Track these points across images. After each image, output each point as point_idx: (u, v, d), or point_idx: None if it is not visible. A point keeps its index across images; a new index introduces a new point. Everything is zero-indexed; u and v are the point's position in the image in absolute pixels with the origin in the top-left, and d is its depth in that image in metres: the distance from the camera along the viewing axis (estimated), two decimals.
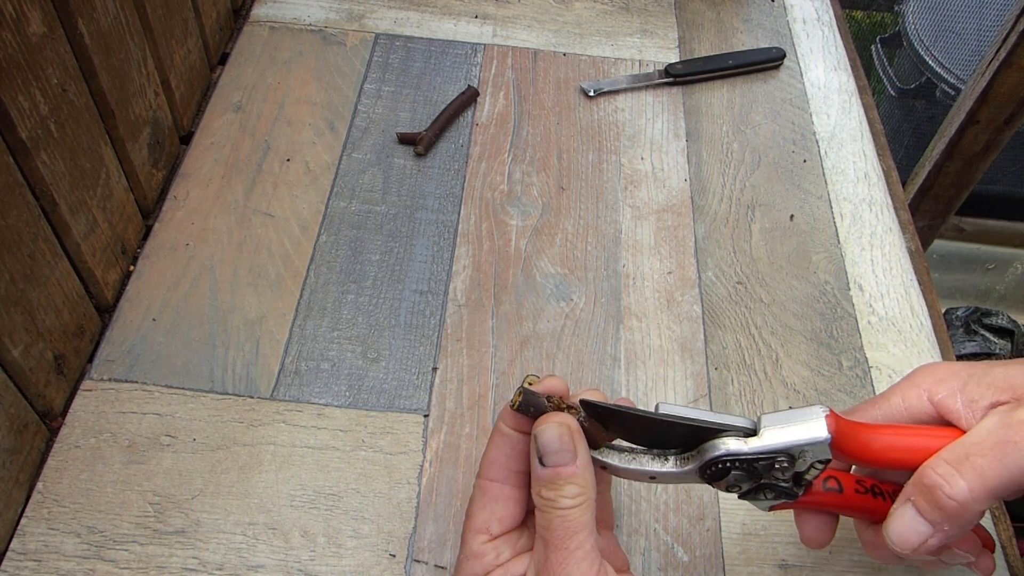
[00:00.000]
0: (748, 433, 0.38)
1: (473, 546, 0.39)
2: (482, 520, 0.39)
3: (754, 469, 0.38)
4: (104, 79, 0.52)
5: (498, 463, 0.39)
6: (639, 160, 0.68)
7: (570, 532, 0.36)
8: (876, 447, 0.38)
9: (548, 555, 0.36)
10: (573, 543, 0.36)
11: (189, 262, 0.57)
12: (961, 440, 0.36)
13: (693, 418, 0.38)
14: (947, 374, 0.39)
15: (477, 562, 0.38)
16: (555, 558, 0.36)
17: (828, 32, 0.81)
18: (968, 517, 0.35)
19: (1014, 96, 1.05)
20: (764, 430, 0.38)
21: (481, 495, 0.39)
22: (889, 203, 0.67)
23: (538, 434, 0.37)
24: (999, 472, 0.34)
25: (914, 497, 0.36)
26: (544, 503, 0.37)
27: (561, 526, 0.36)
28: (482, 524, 0.39)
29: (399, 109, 0.69)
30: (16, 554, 0.44)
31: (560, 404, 0.38)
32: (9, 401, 0.45)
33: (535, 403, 0.38)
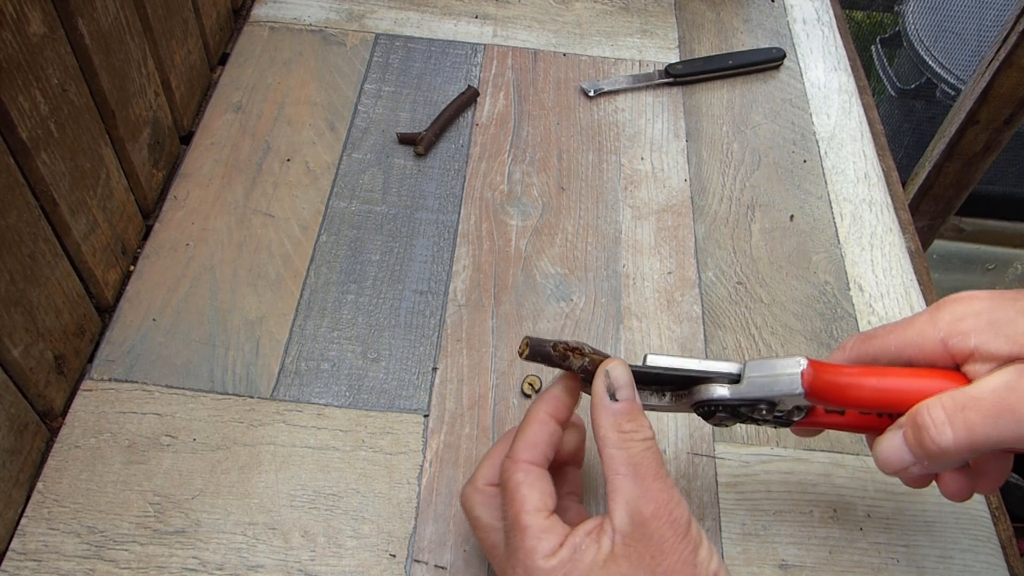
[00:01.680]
0: (733, 380, 0.41)
1: (539, 522, 0.38)
2: (537, 499, 0.39)
3: (738, 412, 0.41)
4: (104, 79, 0.52)
5: (539, 448, 0.40)
6: (639, 160, 0.68)
7: (659, 460, 0.38)
8: (853, 396, 0.39)
9: (647, 486, 0.37)
10: (664, 471, 0.37)
11: (189, 262, 0.57)
12: (965, 390, 0.36)
13: (679, 368, 0.41)
14: (970, 315, 0.38)
15: (547, 536, 0.38)
16: (656, 487, 0.37)
17: (828, 32, 0.81)
18: (949, 461, 0.37)
19: (1014, 96, 1.05)
20: (745, 379, 0.40)
21: (527, 477, 0.40)
22: (889, 203, 0.67)
23: (610, 370, 0.40)
24: (988, 432, 0.35)
25: (904, 428, 0.38)
26: (624, 436, 0.38)
27: (651, 455, 0.37)
28: (539, 503, 0.39)
29: (399, 109, 0.69)
30: (16, 554, 0.44)
31: (567, 348, 0.40)
32: (9, 401, 0.45)
33: (542, 351, 0.40)
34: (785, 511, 0.49)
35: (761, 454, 0.51)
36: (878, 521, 0.49)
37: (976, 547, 0.48)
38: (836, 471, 0.51)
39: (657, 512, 0.36)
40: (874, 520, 0.49)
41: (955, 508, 0.50)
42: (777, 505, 0.49)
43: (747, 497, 0.49)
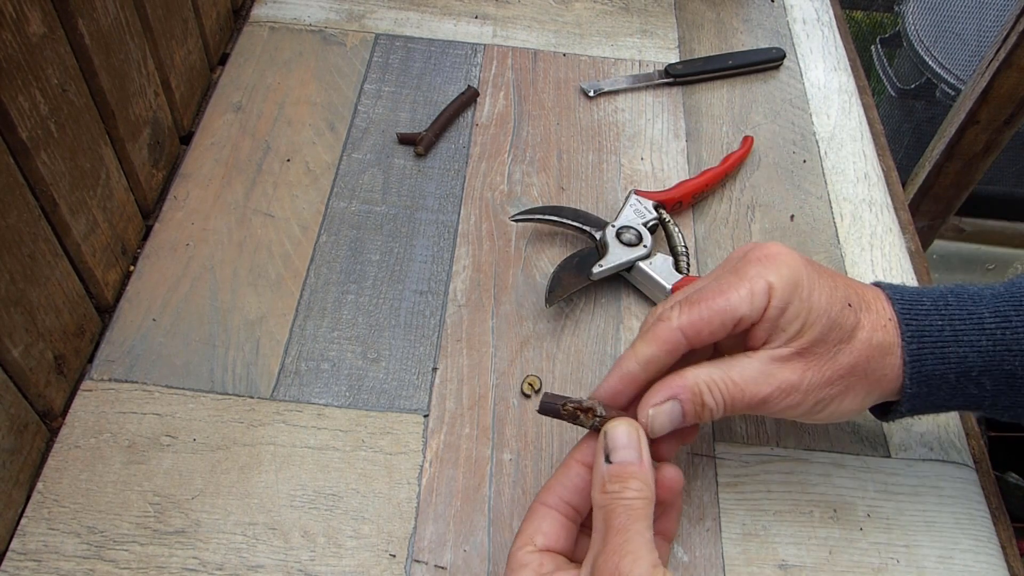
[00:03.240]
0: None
1: (518, 556, 0.39)
2: (528, 533, 0.40)
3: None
4: (104, 79, 0.52)
5: (555, 491, 0.41)
6: (639, 160, 0.68)
7: (632, 519, 0.37)
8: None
9: (608, 539, 0.37)
10: (634, 528, 0.37)
11: (189, 262, 0.57)
12: (729, 371, 0.41)
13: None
14: (788, 284, 0.42)
15: (522, 571, 0.39)
16: (614, 540, 0.37)
17: (828, 32, 0.81)
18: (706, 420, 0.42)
19: (1014, 96, 1.05)
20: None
21: (531, 514, 0.41)
22: (889, 203, 0.67)
23: (607, 431, 0.40)
24: (736, 407, 0.42)
25: (684, 403, 0.41)
26: (607, 497, 0.38)
27: (624, 513, 0.38)
28: (527, 537, 0.40)
29: (399, 109, 0.69)
30: (16, 554, 0.44)
31: (577, 408, 0.41)
32: (9, 401, 0.45)
33: (552, 409, 0.42)
34: (785, 511, 0.49)
35: (761, 454, 0.51)
36: (878, 521, 0.49)
37: (976, 547, 0.48)
38: (836, 471, 0.51)
39: (609, 571, 0.36)
40: (874, 520, 0.49)
41: (955, 508, 0.50)
42: (777, 505, 0.49)
43: (747, 497, 0.49)
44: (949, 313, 0.43)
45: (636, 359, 0.42)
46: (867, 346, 0.42)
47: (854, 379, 0.42)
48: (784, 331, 0.42)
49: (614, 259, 0.57)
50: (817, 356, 0.42)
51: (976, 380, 0.42)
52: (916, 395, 0.43)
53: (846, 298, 0.43)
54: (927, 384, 0.43)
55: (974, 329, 0.42)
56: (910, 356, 0.42)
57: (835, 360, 0.42)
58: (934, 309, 0.43)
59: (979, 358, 0.42)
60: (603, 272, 0.56)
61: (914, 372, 0.42)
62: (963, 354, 0.42)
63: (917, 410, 0.44)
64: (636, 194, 0.61)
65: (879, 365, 0.43)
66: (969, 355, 0.42)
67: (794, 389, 0.42)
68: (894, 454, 0.52)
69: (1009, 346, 0.42)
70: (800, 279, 0.42)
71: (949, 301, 0.43)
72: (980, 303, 0.43)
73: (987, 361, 0.42)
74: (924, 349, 0.42)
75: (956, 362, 0.42)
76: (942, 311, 0.43)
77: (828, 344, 0.42)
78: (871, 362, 0.42)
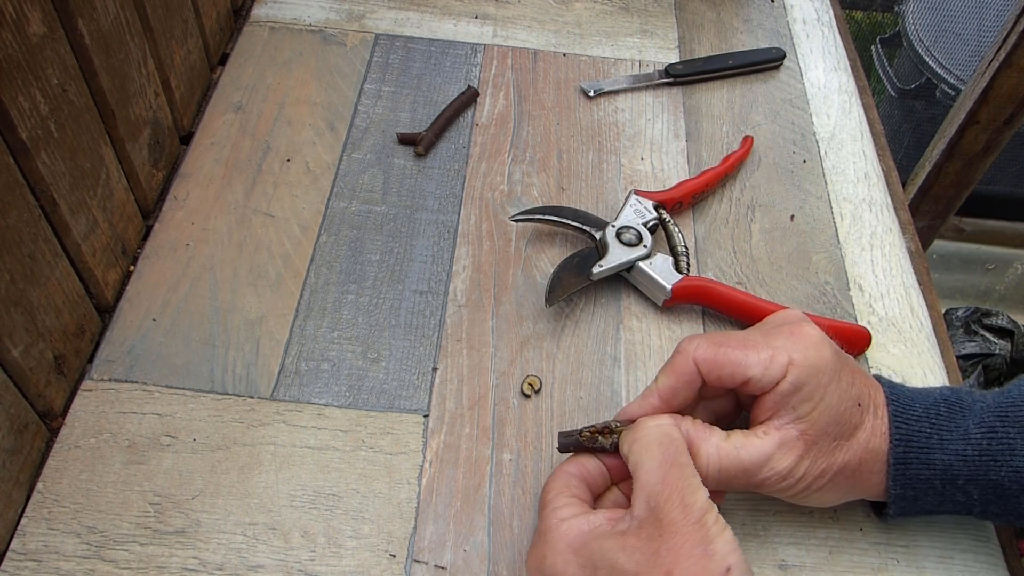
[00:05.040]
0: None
1: (559, 497, 0.42)
2: (560, 483, 0.43)
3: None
4: (104, 79, 0.52)
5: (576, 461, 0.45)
6: (639, 160, 0.68)
7: (680, 451, 0.41)
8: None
9: (664, 473, 0.39)
10: (684, 460, 0.40)
11: (189, 262, 0.57)
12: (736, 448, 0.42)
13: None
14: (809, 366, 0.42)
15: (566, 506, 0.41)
16: (672, 474, 0.39)
17: (828, 32, 0.81)
18: None
19: (1014, 96, 1.05)
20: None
21: (557, 470, 0.45)
22: (889, 203, 0.67)
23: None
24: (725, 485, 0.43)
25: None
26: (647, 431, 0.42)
27: (670, 445, 0.41)
28: (562, 485, 0.43)
29: (399, 109, 0.69)
30: (16, 554, 0.44)
31: (593, 432, 0.44)
32: (9, 401, 0.45)
33: (571, 442, 0.45)
34: (785, 511, 0.49)
35: None
36: (878, 521, 0.49)
37: (976, 547, 0.48)
38: None
39: (670, 496, 0.38)
40: (874, 520, 0.49)
41: None
42: (777, 505, 0.49)
43: (747, 497, 0.49)
44: (939, 423, 0.43)
45: (658, 392, 0.45)
46: (864, 449, 0.43)
47: (842, 477, 0.43)
48: (794, 410, 0.42)
49: (614, 259, 0.57)
50: (818, 447, 0.42)
51: (963, 488, 0.43)
52: (902, 497, 0.44)
53: (858, 397, 0.43)
54: (912, 487, 0.43)
55: (960, 439, 0.43)
56: (895, 459, 0.43)
57: (832, 455, 0.43)
58: (924, 416, 0.44)
59: (964, 467, 0.43)
60: (603, 272, 0.56)
61: (898, 475, 0.43)
62: (948, 462, 0.43)
63: (907, 513, 0.45)
64: (636, 194, 0.61)
65: (868, 469, 0.44)
66: (954, 463, 0.43)
67: (789, 475, 0.42)
68: None
69: (995, 456, 0.42)
70: (823, 367, 0.42)
71: (940, 411, 0.44)
72: (968, 415, 0.43)
73: (973, 470, 0.43)
74: (910, 454, 0.43)
75: (941, 469, 0.43)
76: (932, 419, 0.44)
77: (830, 438, 0.42)
78: (863, 465, 0.43)
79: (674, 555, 0.36)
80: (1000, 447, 0.42)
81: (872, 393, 0.45)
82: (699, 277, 0.57)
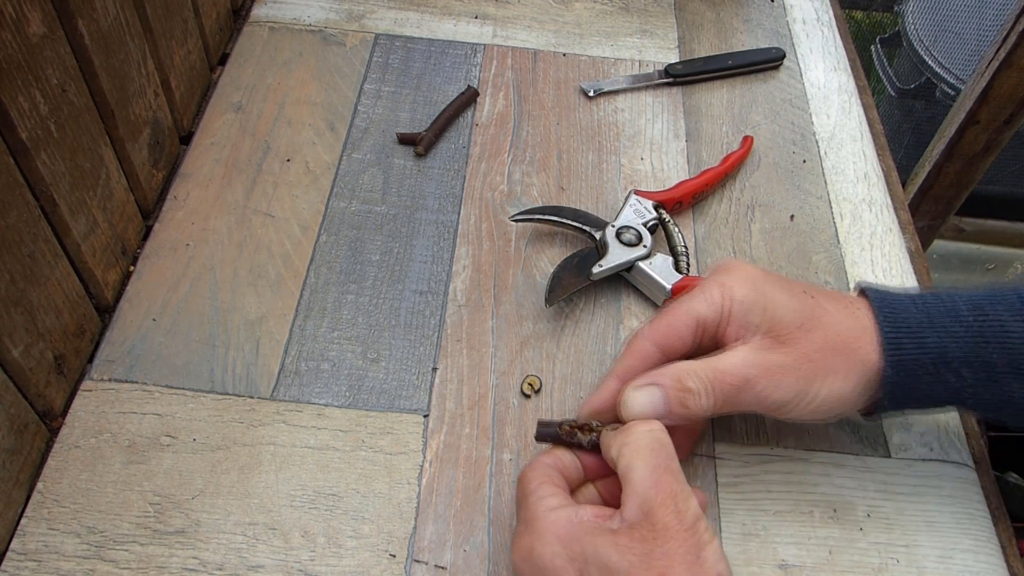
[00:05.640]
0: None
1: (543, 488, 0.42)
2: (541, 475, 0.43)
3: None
4: (104, 79, 0.52)
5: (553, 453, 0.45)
6: (639, 160, 0.68)
7: (670, 457, 0.41)
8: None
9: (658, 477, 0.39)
10: (676, 467, 0.41)
11: (189, 262, 0.57)
12: (714, 362, 0.43)
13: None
14: (744, 283, 0.45)
15: (552, 496, 0.41)
16: (665, 479, 0.39)
17: (828, 32, 0.81)
18: (692, 420, 0.44)
19: (1014, 96, 1.05)
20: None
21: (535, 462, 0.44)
22: (889, 203, 0.67)
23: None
24: (731, 402, 0.43)
25: (667, 389, 0.43)
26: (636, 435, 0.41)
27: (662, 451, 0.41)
28: (543, 476, 0.43)
29: (399, 109, 0.69)
30: (16, 554, 0.44)
31: (574, 427, 0.44)
32: (9, 401, 0.45)
33: (549, 433, 0.45)
34: (785, 511, 0.49)
35: (761, 454, 0.51)
36: (878, 521, 0.49)
37: (976, 547, 0.48)
38: (836, 471, 0.51)
39: (664, 501, 0.38)
40: (874, 520, 0.49)
41: (955, 508, 0.50)
42: (777, 505, 0.49)
43: (747, 497, 0.49)
44: (925, 306, 0.44)
45: (615, 374, 0.45)
46: (836, 322, 0.44)
47: (832, 357, 0.43)
48: (755, 325, 0.44)
49: (614, 259, 0.57)
50: (791, 340, 0.43)
51: (955, 370, 0.43)
52: (896, 383, 0.44)
53: (802, 287, 0.46)
54: (906, 370, 0.43)
55: (949, 318, 0.43)
56: (888, 342, 0.43)
57: (809, 340, 0.43)
58: (910, 302, 0.44)
59: (956, 346, 0.43)
60: (603, 272, 0.56)
61: (892, 358, 0.43)
62: (941, 342, 0.43)
63: (900, 401, 0.45)
64: (636, 194, 0.61)
65: (855, 343, 0.44)
66: (947, 343, 0.43)
67: (778, 368, 0.43)
68: (894, 454, 0.52)
69: (985, 335, 0.43)
70: (755, 278, 0.45)
71: (926, 297, 0.45)
72: (956, 298, 0.44)
73: (965, 350, 0.43)
74: (901, 336, 0.43)
75: (934, 349, 0.43)
76: (918, 304, 0.44)
77: (797, 328, 0.44)
78: (844, 338, 0.44)
79: (668, 559, 0.37)
80: (991, 326, 0.43)
81: (819, 287, 0.47)
82: (699, 277, 0.57)
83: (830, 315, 0.44)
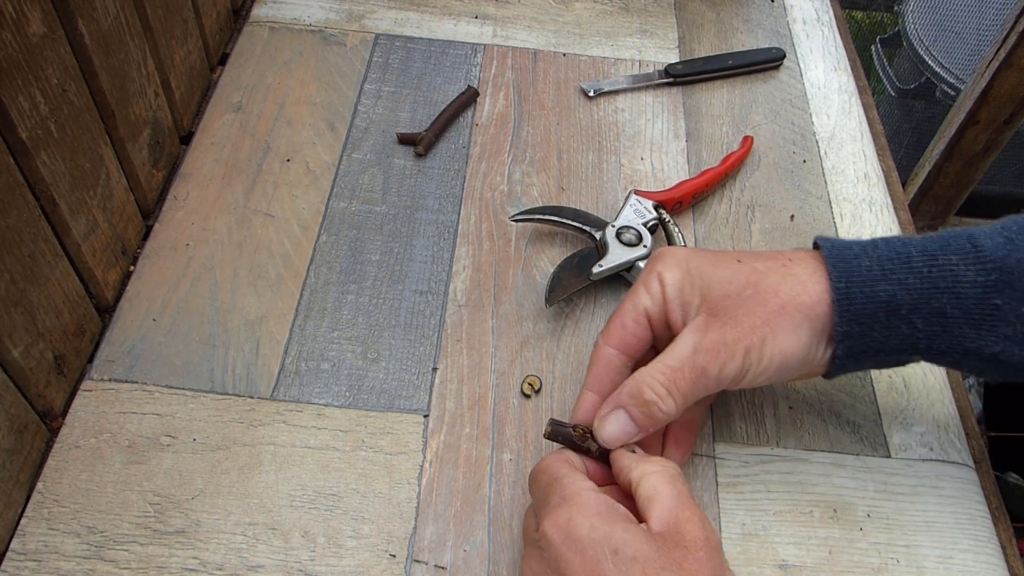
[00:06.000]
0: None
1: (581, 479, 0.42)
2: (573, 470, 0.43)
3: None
4: (104, 79, 0.52)
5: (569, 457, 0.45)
6: (639, 160, 0.68)
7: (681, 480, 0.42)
8: None
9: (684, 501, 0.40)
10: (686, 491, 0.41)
11: (189, 262, 0.57)
12: (666, 359, 0.43)
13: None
14: (673, 267, 0.46)
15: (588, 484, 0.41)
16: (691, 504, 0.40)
17: (828, 32, 0.81)
18: (666, 422, 0.44)
19: (1014, 96, 1.05)
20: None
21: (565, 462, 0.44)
22: (889, 203, 0.67)
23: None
24: (695, 392, 0.43)
25: (628, 408, 0.43)
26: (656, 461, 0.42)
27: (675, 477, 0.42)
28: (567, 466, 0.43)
29: (399, 109, 0.69)
30: (16, 554, 0.44)
31: (586, 432, 0.45)
32: (9, 401, 0.45)
33: (563, 433, 0.45)
34: (785, 511, 0.49)
35: (761, 454, 0.51)
36: (878, 521, 0.49)
37: (976, 547, 0.48)
38: (836, 471, 0.51)
39: (691, 516, 0.39)
40: (874, 520, 0.49)
41: (955, 508, 0.50)
42: (777, 505, 0.49)
43: (747, 497, 0.49)
44: (877, 254, 0.44)
45: (587, 386, 0.46)
46: (771, 284, 0.44)
47: (773, 316, 0.43)
48: (690, 304, 0.44)
49: (614, 259, 0.57)
50: (727, 310, 0.44)
51: (907, 319, 0.43)
52: (848, 334, 0.43)
53: (734, 256, 0.46)
54: (858, 323, 0.43)
55: (902, 268, 0.43)
56: (838, 295, 0.43)
57: (746, 307, 0.43)
58: (862, 252, 0.44)
59: (908, 296, 0.42)
60: (603, 272, 0.56)
61: (843, 310, 0.43)
62: (892, 292, 0.43)
63: (857, 354, 0.44)
64: (636, 194, 0.61)
65: (794, 297, 0.43)
66: (898, 292, 0.42)
67: (721, 345, 0.43)
68: (894, 454, 0.52)
69: (936, 283, 0.42)
70: (684, 260, 0.46)
71: (878, 245, 0.44)
72: (909, 245, 0.44)
73: (915, 299, 0.42)
74: (852, 288, 0.43)
75: (885, 300, 0.43)
76: (870, 253, 0.44)
77: (731, 298, 0.44)
78: (781, 296, 0.43)
79: (699, 568, 0.37)
80: (942, 273, 0.42)
81: (758, 252, 0.47)
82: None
83: (764, 276, 0.44)
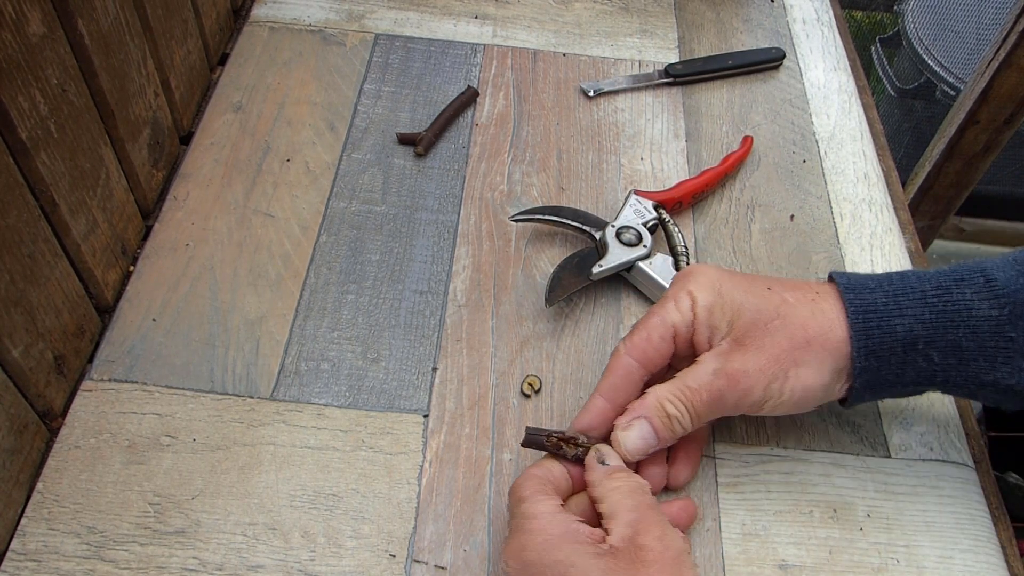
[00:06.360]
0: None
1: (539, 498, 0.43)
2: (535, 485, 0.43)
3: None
4: (104, 79, 0.52)
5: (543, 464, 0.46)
6: (639, 160, 0.68)
7: (650, 498, 0.42)
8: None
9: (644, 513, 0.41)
10: (656, 506, 0.42)
11: (189, 262, 0.57)
12: (685, 379, 0.44)
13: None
14: (706, 288, 0.46)
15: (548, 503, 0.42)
16: (648, 514, 0.41)
17: (828, 32, 0.81)
18: (682, 436, 0.46)
19: (1014, 96, 1.05)
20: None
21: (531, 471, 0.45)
22: (889, 203, 0.67)
23: (599, 447, 0.45)
24: (708, 415, 0.45)
25: (651, 419, 0.44)
26: (620, 477, 0.43)
27: (648, 494, 0.42)
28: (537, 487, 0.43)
29: (399, 109, 0.69)
30: (16, 554, 0.44)
31: (560, 439, 0.45)
32: (9, 401, 0.45)
33: (536, 441, 0.45)
34: (785, 511, 0.49)
35: (761, 454, 0.51)
36: (878, 521, 0.49)
37: (976, 547, 0.48)
38: (836, 471, 0.51)
39: (649, 528, 0.39)
40: (874, 520, 0.49)
41: (955, 508, 0.50)
42: (777, 505, 0.49)
43: (747, 497, 0.49)
44: (893, 289, 0.44)
45: (600, 393, 0.46)
46: (800, 317, 0.44)
47: (799, 351, 0.44)
48: (719, 328, 0.45)
49: (614, 259, 0.57)
50: (754, 339, 0.44)
51: (923, 352, 0.44)
52: (866, 368, 0.44)
53: (765, 284, 0.46)
54: (876, 357, 0.44)
55: (917, 303, 0.44)
56: (856, 331, 0.44)
57: (773, 338, 0.44)
58: (878, 287, 0.45)
59: (924, 330, 0.43)
60: (603, 272, 0.56)
61: (861, 345, 0.44)
62: (908, 326, 0.43)
63: (873, 387, 0.45)
64: (636, 194, 0.61)
65: (823, 334, 0.44)
66: (914, 327, 0.43)
67: (743, 375, 0.43)
68: (894, 454, 0.52)
69: (951, 317, 0.43)
70: (716, 281, 0.46)
71: (893, 280, 0.45)
72: (923, 280, 0.44)
73: (931, 333, 0.43)
74: (870, 323, 0.44)
75: (902, 335, 0.43)
76: (886, 288, 0.44)
77: (760, 327, 0.44)
78: (809, 331, 0.44)
79: None
80: (957, 308, 0.43)
81: (784, 280, 0.47)
82: None
83: (793, 308, 0.45)
